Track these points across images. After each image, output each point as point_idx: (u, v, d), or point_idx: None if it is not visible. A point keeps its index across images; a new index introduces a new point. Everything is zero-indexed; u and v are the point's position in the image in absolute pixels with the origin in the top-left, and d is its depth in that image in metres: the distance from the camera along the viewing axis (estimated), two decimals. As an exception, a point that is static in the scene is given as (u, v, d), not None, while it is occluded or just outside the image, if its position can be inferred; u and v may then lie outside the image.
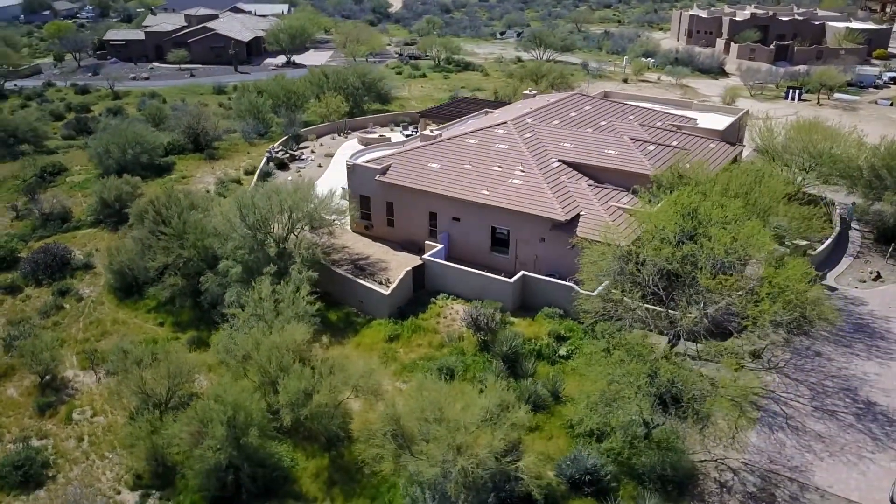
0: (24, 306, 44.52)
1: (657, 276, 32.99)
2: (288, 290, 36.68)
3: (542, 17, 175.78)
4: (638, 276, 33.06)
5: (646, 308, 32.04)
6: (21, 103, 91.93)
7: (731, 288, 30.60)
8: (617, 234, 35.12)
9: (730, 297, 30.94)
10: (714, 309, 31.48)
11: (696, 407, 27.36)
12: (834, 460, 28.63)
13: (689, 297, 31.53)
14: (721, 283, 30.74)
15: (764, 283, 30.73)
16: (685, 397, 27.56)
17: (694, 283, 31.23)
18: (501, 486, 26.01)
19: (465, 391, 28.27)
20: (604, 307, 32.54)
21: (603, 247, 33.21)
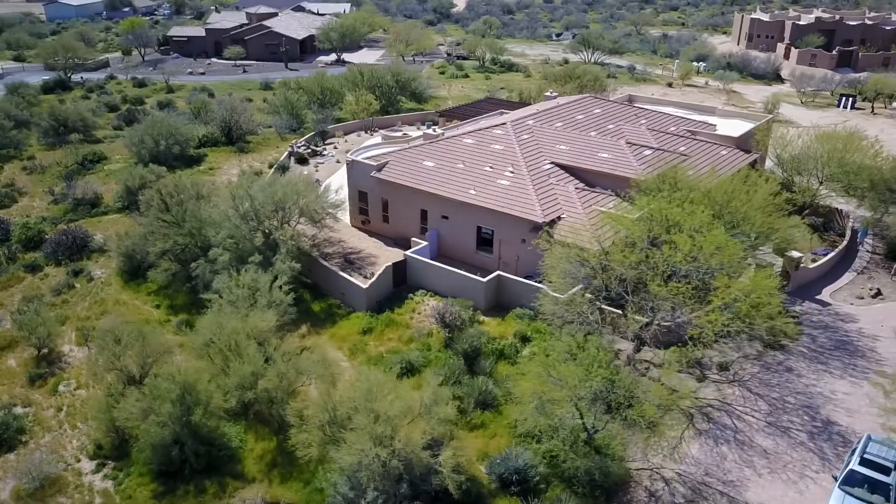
0: (40, 284, 47.51)
1: (617, 281, 32.90)
2: (265, 279, 38.06)
3: (604, 19, 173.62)
4: (598, 281, 33.04)
5: (598, 312, 31.91)
6: (83, 95, 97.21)
7: (681, 296, 30.18)
8: (583, 237, 35.01)
9: (678, 304, 30.44)
10: (662, 316, 31.06)
11: (624, 413, 27.21)
12: (773, 477, 27.90)
13: (640, 303, 31.24)
14: (673, 291, 30.43)
15: (718, 292, 30.16)
16: (613, 402, 27.43)
17: (646, 289, 30.95)
18: (422, 479, 26.49)
19: (400, 384, 28.95)
20: (563, 310, 32.54)
21: (563, 249, 33.19)
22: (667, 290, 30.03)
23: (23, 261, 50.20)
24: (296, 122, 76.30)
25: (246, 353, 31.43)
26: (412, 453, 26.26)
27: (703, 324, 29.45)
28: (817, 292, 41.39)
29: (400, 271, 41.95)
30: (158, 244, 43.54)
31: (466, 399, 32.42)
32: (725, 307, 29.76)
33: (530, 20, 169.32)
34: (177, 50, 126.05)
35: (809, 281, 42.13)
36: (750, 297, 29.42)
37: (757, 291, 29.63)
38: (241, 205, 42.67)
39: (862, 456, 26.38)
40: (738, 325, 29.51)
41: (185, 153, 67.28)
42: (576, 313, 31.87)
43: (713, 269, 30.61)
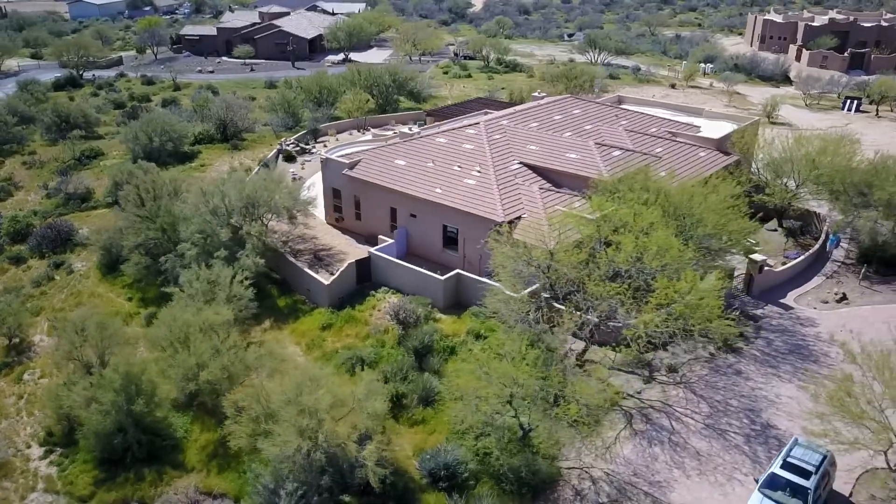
0: (23, 275, 48.84)
1: (563, 281, 33.06)
2: (225, 273, 38.75)
3: (620, 19, 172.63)
4: (542, 280, 33.21)
5: (542, 311, 32.06)
6: (92, 92, 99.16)
7: (619, 296, 30.25)
8: (538, 236, 35.14)
9: (615, 305, 30.50)
10: (597, 315, 31.15)
11: (551, 412, 27.39)
12: (701, 479, 27.84)
13: (577, 302, 31.35)
14: (611, 291, 30.52)
15: (656, 294, 30.15)
16: (542, 401, 27.62)
17: (583, 289, 31.08)
18: (346, 472, 26.91)
19: (336, 379, 29.41)
20: (505, 308, 32.75)
21: (510, 249, 33.39)
22: (604, 290, 30.11)
23: (9, 252, 51.61)
24: (292, 120, 77.14)
25: (192, 346, 32.12)
26: (337, 446, 26.74)
27: (637, 324, 29.46)
28: (782, 296, 41.04)
29: (364, 269, 42.39)
30: (131, 238, 44.53)
31: (410, 395, 32.81)
32: (661, 308, 29.74)
33: (545, 20, 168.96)
34: (189, 49, 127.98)
35: (775, 284, 41.79)
36: (685, 298, 29.33)
37: (694, 293, 29.51)
38: (210, 200, 43.43)
39: (785, 459, 26.24)
40: (673, 326, 29.45)
41: (179, 150, 68.42)
42: (515, 311, 32.02)
43: (653, 271, 30.58)
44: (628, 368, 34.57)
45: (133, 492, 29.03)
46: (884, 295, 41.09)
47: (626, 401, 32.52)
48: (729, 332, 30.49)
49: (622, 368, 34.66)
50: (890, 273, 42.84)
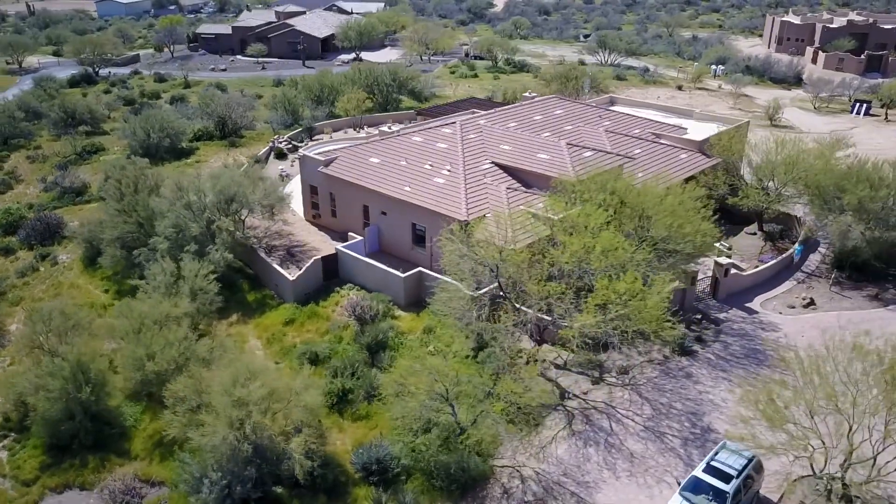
0: (10, 266, 50.20)
1: (510, 280, 33.17)
2: (191, 266, 39.48)
3: (640, 20, 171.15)
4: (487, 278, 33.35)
5: (481, 309, 32.20)
6: (105, 89, 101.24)
7: (558, 296, 30.27)
8: (487, 235, 35.24)
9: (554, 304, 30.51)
10: (532, 315, 31.18)
11: (480, 409, 27.54)
12: (630, 481, 27.75)
13: (519, 301, 31.42)
14: (552, 290, 30.56)
15: (595, 294, 30.10)
16: (461, 397, 27.80)
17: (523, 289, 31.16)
18: (274, 463, 27.32)
19: (272, 373, 29.84)
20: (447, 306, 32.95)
21: (457, 247, 33.55)
22: (541, 290, 30.15)
23: (3, 244, 53.03)
24: (291, 118, 77.98)
25: (142, 336, 32.82)
26: (265, 438, 27.19)
27: (573, 324, 29.45)
28: (749, 300, 40.60)
29: (332, 265, 42.83)
30: (108, 231, 45.54)
31: (356, 391, 33.15)
32: (600, 308, 29.69)
33: (563, 21, 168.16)
34: (205, 47, 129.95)
35: (744, 288, 41.35)
36: (623, 299, 29.24)
37: (629, 294, 29.41)
38: (185, 195, 44.23)
39: (708, 463, 26.06)
40: (611, 326, 29.40)
41: (177, 146, 69.62)
42: (458, 309, 32.19)
43: (594, 271, 30.54)
44: (578, 369, 34.54)
45: (75, 477, 29.79)
46: (853, 301, 40.42)
47: (571, 401, 32.50)
48: (671, 334, 30.28)
49: (572, 369, 34.66)
50: (862, 279, 42.12)
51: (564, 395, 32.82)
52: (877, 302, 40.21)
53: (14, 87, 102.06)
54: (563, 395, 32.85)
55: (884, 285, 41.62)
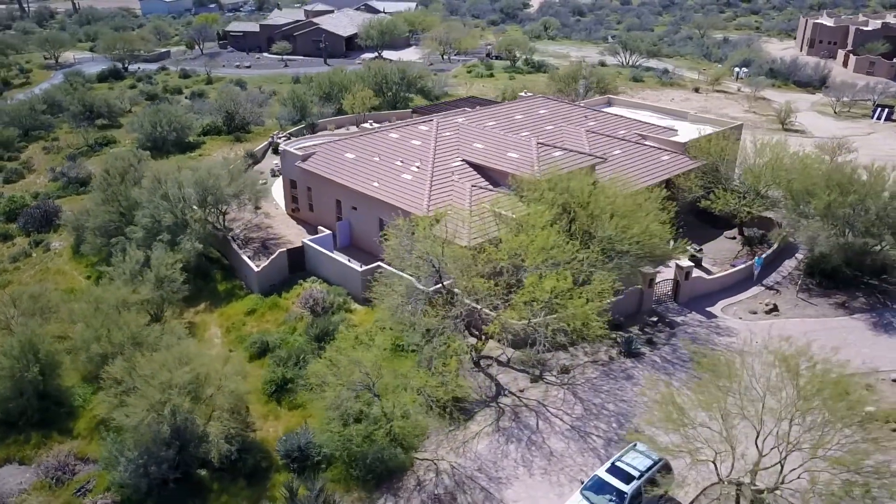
0: (4, 252, 52.38)
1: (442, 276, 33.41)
2: (157, 255, 40.70)
3: (674, 22, 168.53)
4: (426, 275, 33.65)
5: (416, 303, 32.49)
6: (131, 84, 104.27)
7: (484, 291, 30.40)
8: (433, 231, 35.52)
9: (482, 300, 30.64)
10: (463, 310, 31.34)
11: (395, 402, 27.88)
12: (542, 479, 27.74)
13: (448, 298, 31.64)
14: (484, 287, 30.73)
15: (523, 291, 30.16)
16: (384, 390, 28.14)
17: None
18: (193, 446, 28.11)
19: (206, 358, 30.65)
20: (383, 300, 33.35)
21: (397, 244, 33.94)
22: (471, 285, 30.32)
23: (0, 230, 55.36)
24: (299, 114, 79.25)
25: (93, 320, 34.04)
26: (186, 421, 28.01)
27: (496, 320, 29.56)
28: (711, 304, 40.01)
29: (298, 258, 43.59)
30: (90, 220, 47.20)
31: (296, 380, 33.76)
32: (528, 305, 29.74)
33: (596, 22, 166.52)
34: (233, 44, 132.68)
35: (708, 292, 40.76)
36: (549, 296, 29.23)
37: (559, 292, 29.39)
38: (163, 186, 45.55)
39: (613, 463, 25.91)
40: (536, 323, 29.43)
41: (183, 139, 71.46)
42: (393, 302, 32.57)
43: (523, 268, 30.58)
44: (521, 367, 34.56)
45: (17, 452, 31.12)
46: (818, 308, 39.47)
47: (506, 398, 32.58)
48: (597, 334, 30.15)
49: (515, 366, 34.70)
50: (832, 286, 41.07)
51: (500, 392, 32.93)
52: (843, 310, 39.19)
53: (46, 82, 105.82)
54: (498, 392, 32.98)
55: (853, 293, 40.54)
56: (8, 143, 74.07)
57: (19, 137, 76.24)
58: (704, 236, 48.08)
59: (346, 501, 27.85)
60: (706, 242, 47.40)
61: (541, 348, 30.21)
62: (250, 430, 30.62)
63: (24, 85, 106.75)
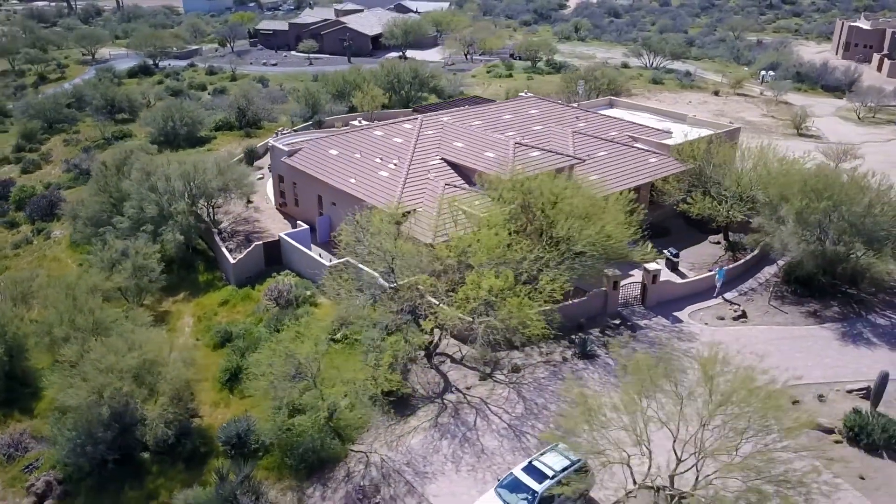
0: (9, 238, 54.58)
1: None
2: (137, 245, 42.02)
3: (709, 24, 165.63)
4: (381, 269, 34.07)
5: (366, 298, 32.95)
6: (159, 79, 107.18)
7: (426, 287, 30.69)
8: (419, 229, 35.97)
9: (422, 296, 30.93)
10: (405, 305, 31.66)
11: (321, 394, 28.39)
12: (469, 476, 27.86)
13: (391, 294, 31.99)
14: (423, 282, 31.03)
15: (464, 288, 30.34)
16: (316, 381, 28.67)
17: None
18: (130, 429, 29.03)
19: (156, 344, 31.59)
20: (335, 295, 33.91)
21: (348, 238, 34.45)
22: (412, 281, 30.63)
23: (8, 218, 57.72)
24: (310, 111, 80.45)
25: (59, 304, 35.36)
26: (125, 405, 28.95)
27: (432, 316, 29.83)
28: (679, 309, 39.50)
29: (274, 251, 44.43)
30: (82, 210, 48.89)
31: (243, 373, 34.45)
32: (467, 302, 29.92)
33: (630, 24, 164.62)
34: (263, 42, 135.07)
35: (677, 297, 40.26)
36: (483, 295, 29.36)
37: (498, 290, 29.50)
38: (150, 178, 46.92)
39: (530, 462, 25.92)
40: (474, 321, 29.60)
41: (194, 134, 73.22)
42: (341, 296, 33.09)
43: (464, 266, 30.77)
44: (472, 364, 34.70)
45: (-23, 428, 32.58)
46: (788, 316, 38.63)
47: (452, 395, 32.77)
48: (536, 333, 30.16)
49: (467, 363, 34.86)
50: (807, 294, 40.13)
51: (447, 389, 33.15)
52: (813, 319, 38.27)
53: (79, 77, 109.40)
54: (445, 389, 33.20)
55: (828, 302, 39.55)
56: (31, 135, 77.05)
57: (43, 130, 79.22)
58: (690, 240, 47.48)
59: (277, 489, 28.45)
60: (690, 246, 46.83)
61: (478, 346, 30.31)
62: (193, 416, 31.45)
63: (58, 79, 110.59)
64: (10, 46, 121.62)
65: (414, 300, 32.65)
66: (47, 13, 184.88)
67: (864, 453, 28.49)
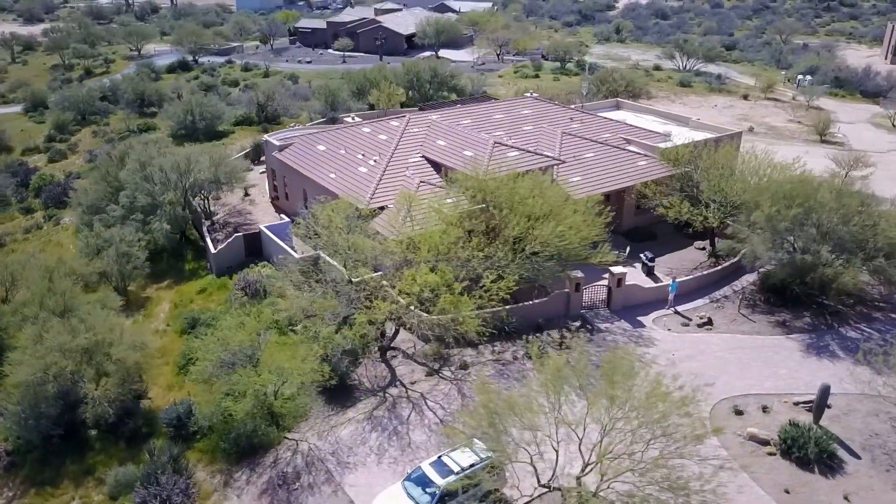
0: (22, 223, 57.30)
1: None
2: (124, 232, 43.71)
3: (758, 26, 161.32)
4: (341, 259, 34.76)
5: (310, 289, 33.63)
6: (196, 75, 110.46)
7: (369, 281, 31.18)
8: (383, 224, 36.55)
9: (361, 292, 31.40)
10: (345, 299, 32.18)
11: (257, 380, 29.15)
12: (389, 468, 28.17)
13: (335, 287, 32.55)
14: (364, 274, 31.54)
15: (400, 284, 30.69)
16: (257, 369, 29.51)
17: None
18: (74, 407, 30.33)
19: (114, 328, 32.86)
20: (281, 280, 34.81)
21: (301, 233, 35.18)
22: (353, 274, 31.16)
23: (25, 204, 60.58)
24: (329, 108, 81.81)
25: (33, 286, 37.11)
26: (70, 382, 30.27)
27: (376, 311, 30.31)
28: (644, 314, 38.95)
29: (255, 243, 45.53)
30: (83, 198, 51.01)
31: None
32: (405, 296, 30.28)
33: (673, 26, 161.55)
34: (301, 40, 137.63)
35: (647, 301, 39.69)
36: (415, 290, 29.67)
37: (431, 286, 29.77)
38: (144, 169, 48.67)
39: (439, 457, 26.09)
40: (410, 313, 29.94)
41: (213, 128, 75.32)
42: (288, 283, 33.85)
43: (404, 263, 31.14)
44: (422, 360, 35.01)
45: (-57, 402, 34.40)
46: (755, 325, 37.67)
47: (395, 389, 33.14)
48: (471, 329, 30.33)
49: (417, 359, 35.19)
50: (781, 303, 39.04)
51: (392, 383, 33.56)
52: (781, 328, 37.23)
53: (121, 72, 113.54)
54: (390, 383, 33.62)
55: (800, 312, 38.40)
56: (62, 126, 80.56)
57: (76, 122, 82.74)
58: (675, 245, 46.69)
59: (207, 471, 29.35)
60: (675, 251, 46.07)
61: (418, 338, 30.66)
62: (140, 398, 32.61)
63: (103, 74, 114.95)
64: (62, 42, 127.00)
65: (372, 294, 33.08)
66: (106, 10, 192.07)
67: (795, 467, 27.71)
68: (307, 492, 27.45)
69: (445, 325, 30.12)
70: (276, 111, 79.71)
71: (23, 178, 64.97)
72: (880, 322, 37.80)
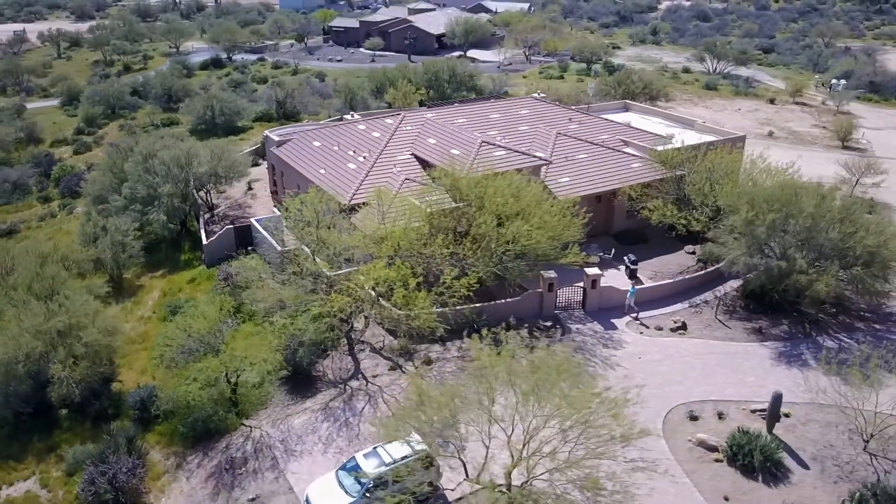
0: (38, 211, 59.61)
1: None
2: (119, 222, 45.24)
3: (801, 28, 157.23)
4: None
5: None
6: (227, 72, 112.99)
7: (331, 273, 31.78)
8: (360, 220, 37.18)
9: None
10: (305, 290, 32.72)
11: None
12: (334, 457, 28.64)
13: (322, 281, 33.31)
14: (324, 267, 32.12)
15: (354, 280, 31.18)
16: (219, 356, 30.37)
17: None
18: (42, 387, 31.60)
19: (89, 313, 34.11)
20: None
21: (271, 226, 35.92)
22: (313, 266, 31.77)
23: (45, 193, 62.98)
24: (348, 105, 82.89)
25: (23, 271, 38.71)
26: (40, 363, 31.56)
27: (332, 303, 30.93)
28: (617, 316, 38.65)
29: (247, 235, 46.57)
30: (88, 189, 52.87)
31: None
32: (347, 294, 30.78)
33: (713, 28, 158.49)
34: (334, 39, 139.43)
35: (621, 303, 39.36)
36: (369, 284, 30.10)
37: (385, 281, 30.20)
38: (146, 162, 50.21)
39: (374, 448, 26.45)
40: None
41: (232, 124, 77.06)
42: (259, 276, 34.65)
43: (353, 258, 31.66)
44: (388, 354, 35.44)
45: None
46: (729, 331, 37.03)
47: (356, 382, 33.64)
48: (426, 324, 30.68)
49: (383, 353, 35.64)
50: (760, 310, 38.30)
51: (354, 375, 34.08)
52: (756, 335, 36.54)
53: (157, 68, 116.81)
54: (352, 375, 34.14)
55: (779, 320, 37.61)
56: (91, 120, 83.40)
57: (105, 115, 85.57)
58: (665, 249, 46.15)
59: (163, 453, 30.31)
60: (664, 255, 45.55)
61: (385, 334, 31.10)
62: (109, 380, 33.77)
63: (140, 70, 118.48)
64: (104, 38, 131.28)
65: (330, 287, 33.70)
66: (153, 9, 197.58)
67: (739, 474, 27.27)
68: (251, 477, 28.15)
69: (398, 319, 30.38)
70: (294, 108, 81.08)
71: (45, 169, 67.55)
72: (861, 332, 36.78)
